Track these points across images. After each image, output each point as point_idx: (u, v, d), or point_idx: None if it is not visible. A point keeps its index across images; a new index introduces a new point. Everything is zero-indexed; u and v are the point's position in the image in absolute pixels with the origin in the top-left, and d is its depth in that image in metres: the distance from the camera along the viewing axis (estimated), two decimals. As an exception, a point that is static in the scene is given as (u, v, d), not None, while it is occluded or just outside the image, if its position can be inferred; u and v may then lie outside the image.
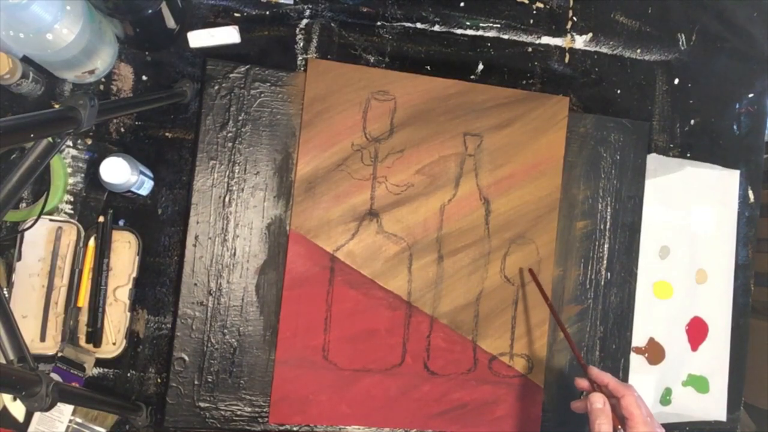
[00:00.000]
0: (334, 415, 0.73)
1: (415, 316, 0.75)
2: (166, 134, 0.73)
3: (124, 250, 0.70)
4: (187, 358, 0.70)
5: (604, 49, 0.84)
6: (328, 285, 0.73)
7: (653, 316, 0.83)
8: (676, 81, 0.86)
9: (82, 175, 0.71)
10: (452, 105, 0.77)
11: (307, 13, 0.76)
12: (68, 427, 0.67)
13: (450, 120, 0.77)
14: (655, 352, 0.83)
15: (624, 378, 0.81)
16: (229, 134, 0.72)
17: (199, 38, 0.73)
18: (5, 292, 0.66)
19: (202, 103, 0.72)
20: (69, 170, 0.70)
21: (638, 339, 0.83)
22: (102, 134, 0.71)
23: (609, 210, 0.82)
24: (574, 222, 0.80)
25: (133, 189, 0.66)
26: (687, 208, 0.85)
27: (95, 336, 0.68)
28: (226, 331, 0.71)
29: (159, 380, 0.71)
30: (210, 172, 0.72)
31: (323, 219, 0.73)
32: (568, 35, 0.83)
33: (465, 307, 0.76)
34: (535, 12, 0.82)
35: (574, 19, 0.84)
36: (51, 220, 0.68)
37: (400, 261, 0.75)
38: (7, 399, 0.67)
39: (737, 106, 0.89)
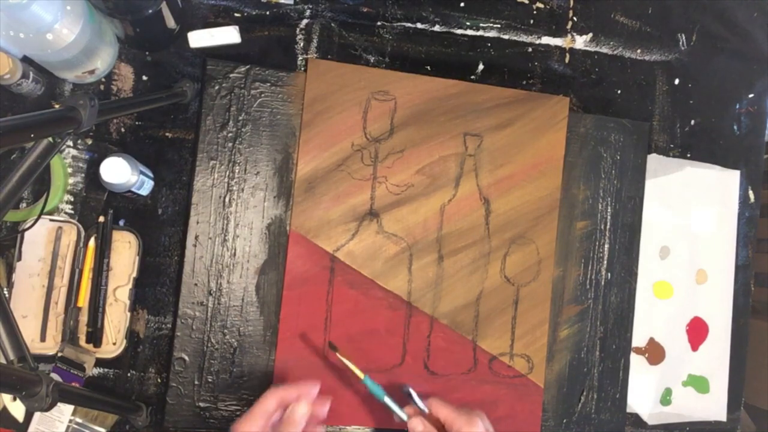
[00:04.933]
0: (334, 415, 0.73)
1: (415, 316, 0.75)
2: (166, 134, 0.73)
3: (124, 250, 0.70)
4: (187, 358, 0.70)
5: (604, 50, 0.84)
6: (328, 285, 0.73)
7: (653, 317, 0.83)
8: (677, 81, 0.86)
9: (82, 175, 0.71)
10: (452, 105, 0.77)
11: (308, 13, 0.76)
12: (68, 427, 0.67)
13: (450, 120, 0.77)
14: (655, 353, 0.83)
15: (624, 378, 0.81)
16: (229, 134, 0.72)
17: (199, 38, 0.73)
18: (5, 292, 0.66)
19: (202, 103, 0.72)
20: (69, 170, 0.70)
21: (638, 339, 0.83)
22: (102, 134, 0.71)
23: (609, 210, 0.82)
24: (574, 222, 0.80)
25: (133, 189, 0.66)
26: (687, 209, 0.85)
27: (95, 336, 0.68)
28: (226, 331, 0.71)
29: (159, 380, 0.71)
30: (210, 172, 0.72)
31: (323, 219, 0.73)
32: (569, 35, 0.83)
33: (465, 307, 0.76)
34: (535, 12, 0.82)
35: (575, 19, 0.84)
36: (51, 220, 0.68)
37: (400, 261, 0.75)
38: (7, 399, 0.67)
39: (737, 106, 0.89)
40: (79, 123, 0.50)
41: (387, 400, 0.64)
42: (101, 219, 0.69)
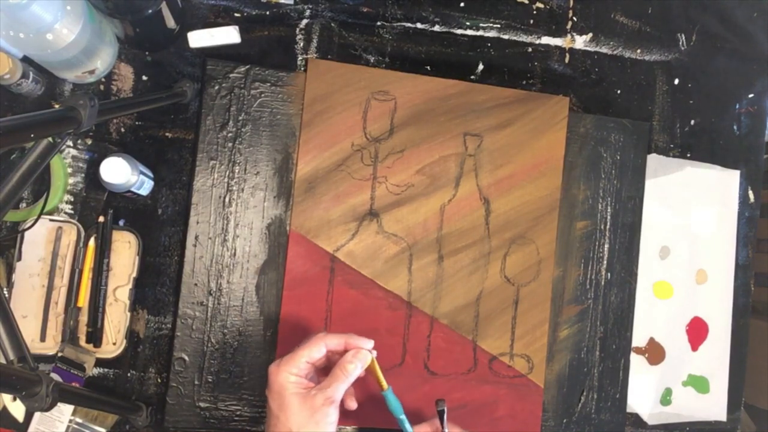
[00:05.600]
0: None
1: (415, 316, 0.75)
2: (166, 134, 0.73)
3: (124, 250, 0.70)
4: (187, 358, 0.70)
5: (604, 49, 0.84)
6: (328, 285, 0.73)
7: (653, 317, 0.83)
8: (676, 81, 0.86)
9: (82, 175, 0.71)
10: (452, 105, 0.77)
11: (307, 13, 0.76)
12: (68, 427, 0.67)
13: (450, 120, 0.77)
14: (655, 353, 0.83)
15: (624, 378, 0.81)
16: (229, 134, 0.72)
17: (199, 38, 0.73)
18: (5, 292, 0.66)
19: (202, 103, 0.72)
20: (69, 170, 0.70)
21: (638, 339, 0.83)
22: (102, 134, 0.71)
23: (609, 210, 0.82)
24: (574, 222, 0.80)
25: (133, 189, 0.66)
26: (687, 209, 0.85)
27: (95, 336, 0.68)
28: (226, 331, 0.71)
29: (159, 380, 0.71)
30: (210, 172, 0.72)
31: (323, 219, 0.73)
32: (568, 35, 0.83)
33: (465, 307, 0.76)
34: (535, 12, 0.82)
35: (574, 19, 0.84)
36: (51, 220, 0.68)
37: (400, 261, 0.75)
38: (7, 399, 0.67)
39: (737, 106, 0.89)
40: (79, 123, 0.50)
41: (403, 417, 0.62)
42: (101, 219, 0.69)
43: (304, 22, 0.76)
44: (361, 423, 0.74)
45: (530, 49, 0.82)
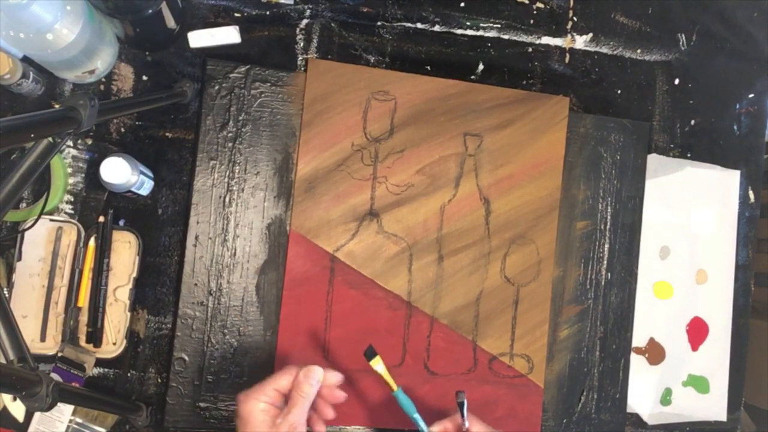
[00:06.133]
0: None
1: (415, 316, 0.75)
2: (166, 134, 0.73)
3: (125, 250, 0.70)
4: (187, 358, 0.70)
5: (604, 50, 0.84)
6: (328, 285, 0.73)
7: (653, 317, 0.83)
8: (677, 81, 0.86)
9: (82, 175, 0.71)
10: (452, 105, 0.77)
11: (308, 13, 0.76)
12: (68, 427, 0.67)
13: (450, 120, 0.77)
14: (655, 353, 0.83)
15: (624, 378, 0.81)
16: (230, 134, 0.72)
17: (200, 38, 0.73)
18: (5, 292, 0.66)
19: (203, 103, 0.72)
20: (69, 170, 0.70)
21: (638, 339, 0.83)
22: (102, 134, 0.71)
23: (609, 210, 0.82)
24: (575, 222, 0.80)
25: (133, 189, 0.66)
26: (687, 209, 0.85)
27: (95, 336, 0.68)
28: (226, 331, 0.71)
29: (159, 380, 0.71)
30: (210, 172, 0.72)
31: (323, 219, 0.73)
32: (569, 35, 0.83)
33: (465, 308, 0.76)
34: (535, 12, 0.82)
35: (575, 19, 0.84)
36: (51, 220, 0.68)
37: (400, 261, 0.75)
38: (7, 399, 0.67)
39: (737, 106, 0.89)
40: (79, 123, 0.50)
41: (417, 416, 0.63)
42: (101, 219, 0.69)
43: (304, 22, 0.76)
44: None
45: (530, 49, 0.82)
